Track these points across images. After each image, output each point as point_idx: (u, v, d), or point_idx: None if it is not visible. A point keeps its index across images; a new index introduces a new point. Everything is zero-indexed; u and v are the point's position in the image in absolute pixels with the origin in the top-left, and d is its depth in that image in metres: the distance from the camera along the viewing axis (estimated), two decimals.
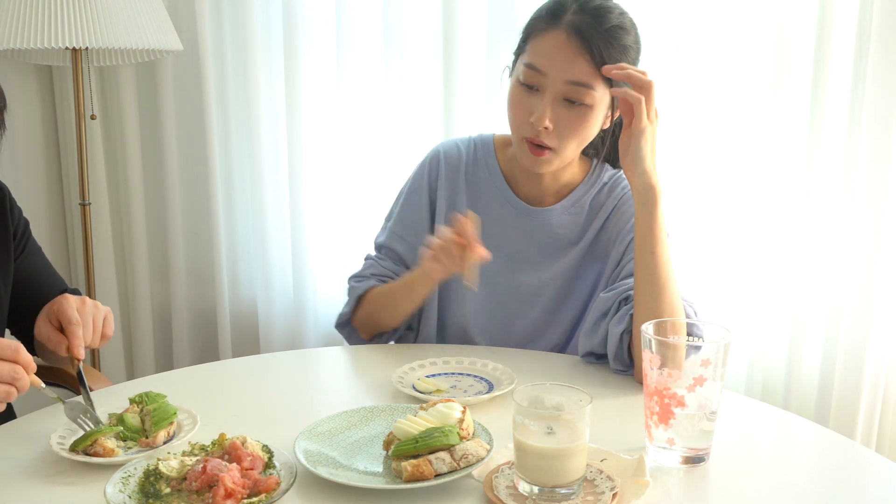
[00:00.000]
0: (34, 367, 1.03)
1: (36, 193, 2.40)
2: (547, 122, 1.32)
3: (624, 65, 1.29)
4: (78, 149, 2.19)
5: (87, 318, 1.14)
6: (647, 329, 1.02)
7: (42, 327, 1.14)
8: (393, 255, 1.53)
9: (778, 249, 1.90)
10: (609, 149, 1.48)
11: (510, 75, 1.41)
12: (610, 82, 1.32)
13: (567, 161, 1.40)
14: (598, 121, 1.36)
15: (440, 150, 1.54)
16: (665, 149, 1.92)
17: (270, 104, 2.26)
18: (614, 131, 1.44)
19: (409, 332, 1.54)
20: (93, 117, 2.25)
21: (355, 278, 1.53)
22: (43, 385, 1.05)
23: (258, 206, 2.30)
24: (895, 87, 1.71)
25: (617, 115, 1.39)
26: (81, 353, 1.11)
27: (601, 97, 1.33)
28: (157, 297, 2.48)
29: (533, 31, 1.36)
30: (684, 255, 1.98)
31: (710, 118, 1.93)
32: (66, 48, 2.04)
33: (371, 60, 2.16)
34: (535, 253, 1.48)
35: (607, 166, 1.51)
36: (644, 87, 1.27)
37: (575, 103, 1.32)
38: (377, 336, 1.52)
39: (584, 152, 1.48)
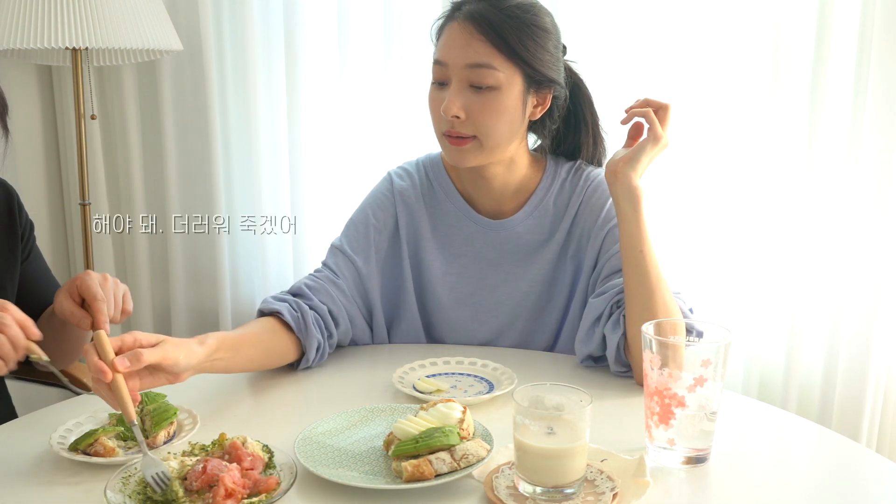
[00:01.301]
0: (34, 332, 1.02)
1: (36, 193, 2.40)
2: (455, 110, 1.30)
3: (641, 103, 1.32)
4: (78, 149, 2.19)
5: (109, 294, 1.14)
6: (648, 329, 1.02)
7: (64, 303, 1.14)
8: (329, 267, 1.45)
9: (779, 249, 1.90)
10: (559, 140, 1.47)
11: None
12: (520, 62, 1.30)
13: (495, 151, 1.36)
14: (513, 104, 1.32)
15: (393, 177, 1.50)
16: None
17: (270, 104, 2.26)
18: (559, 124, 1.43)
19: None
20: (93, 117, 2.25)
21: (272, 296, 1.41)
22: (46, 357, 1.04)
23: (258, 206, 2.30)
24: None
25: (548, 104, 1.37)
26: (107, 328, 1.11)
27: (508, 78, 1.30)
28: (157, 296, 2.48)
29: (439, 31, 1.37)
30: (684, 255, 1.98)
31: (709, 117, 1.93)
32: (66, 48, 2.04)
33: (371, 60, 2.16)
34: (508, 264, 1.46)
35: (561, 160, 1.48)
36: (662, 107, 1.31)
37: (482, 88, 1.30)
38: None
39: (534, 151, 1.47)
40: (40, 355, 1.04)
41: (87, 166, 2.23)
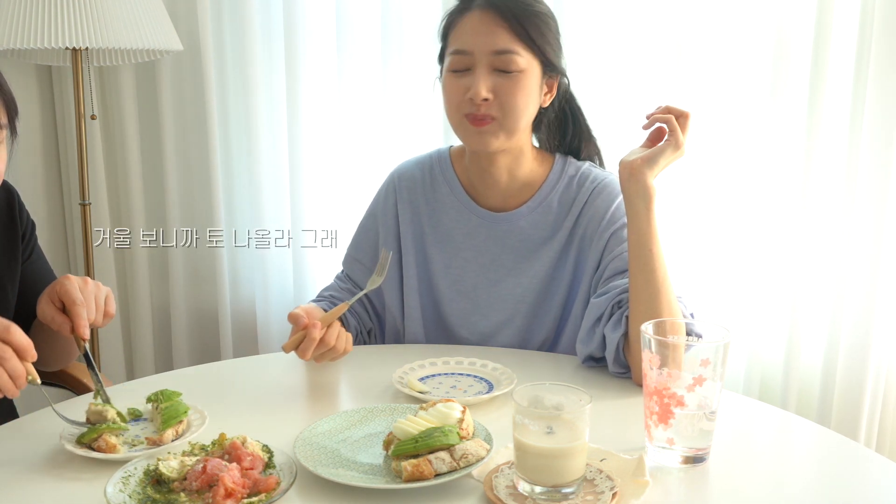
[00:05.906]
0: (33, 355, 1.01)
1: (36, 193, 2.40)
2: (485, 93, 1.34)
3: (663, 109, 1.31)
4: (78, 149, 2.20)
5: (89, 298, 1.14)
6: (647, 329, 1.03)
7: (46, 309, 1.14)
8: (351, 279, 1.57)
9: (779, 248, 1.90)
10: (563, 137, 1.49)
11: (440, 79, 1.43)
12: (534, 48, 1.35)
13: (512, 136, 1.39)
14: (533, 89, 1.38)
15: (395, 175, 1.55)
16: None
17: (270, 104, 2.26)
18: (562, 118, 1.47)
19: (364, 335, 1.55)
20: (93, 117, 2.25)
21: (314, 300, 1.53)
22: (39, 381, 1.03)
23: (258, 206, 2.30)
24: None
25: (555, 92, 1.42)
26: (87, 333, 1.12)
27: (529, 63, 1.36)
28: (156, 297, 2.48)
29: (450, 25, 1.41)
30: (683, 254, 1.98)
31: (709, 116, 1.93)
32: (66, 48, 2.04)
33: (371, 60, 2.16)
34: (509, 258, 1.47)
35: (570, 159, 1.50)
36: (682, 115, 1.31)
37: (506, 72, 1.34)
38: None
39: (538, 144, 1.49)
40: (35, 377, 1.03)
41: (87, 166, 2.23)
